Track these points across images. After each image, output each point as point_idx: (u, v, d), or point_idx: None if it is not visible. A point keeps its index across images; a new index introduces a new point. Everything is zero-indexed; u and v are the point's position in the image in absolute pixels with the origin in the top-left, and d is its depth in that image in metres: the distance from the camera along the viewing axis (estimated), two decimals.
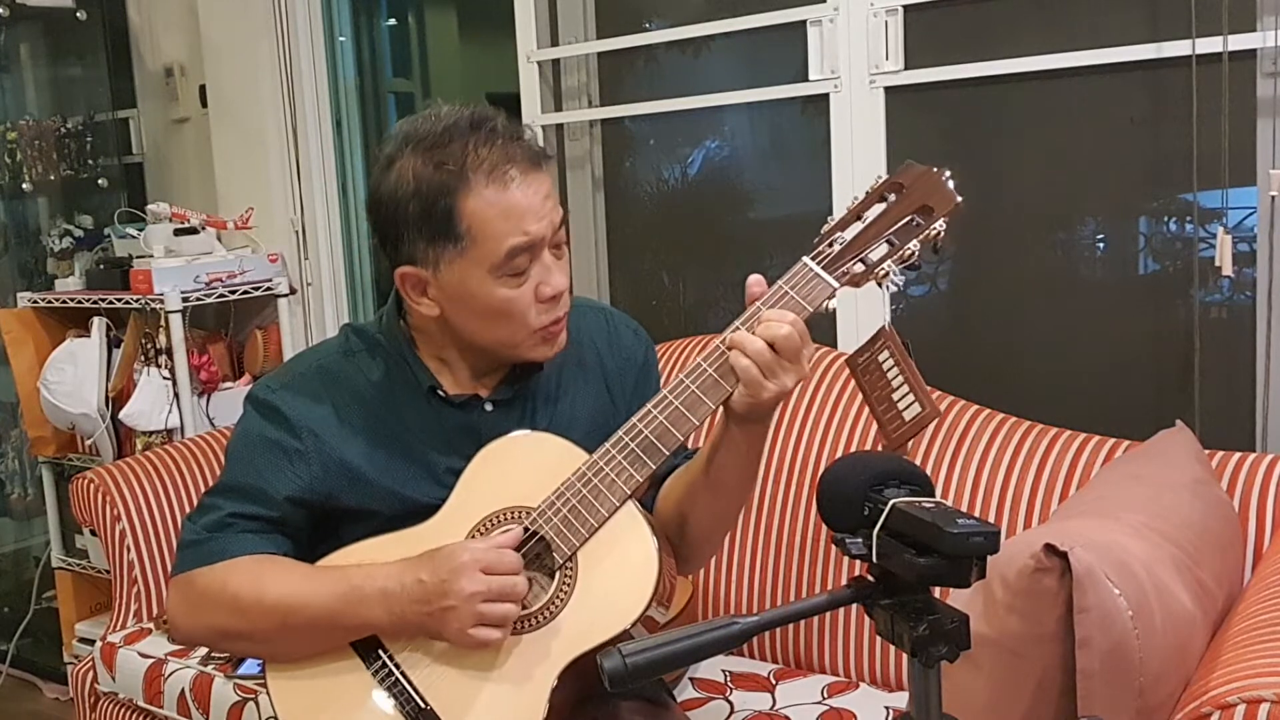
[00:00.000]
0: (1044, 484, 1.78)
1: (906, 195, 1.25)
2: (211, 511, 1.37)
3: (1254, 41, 1.82)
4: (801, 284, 1.24)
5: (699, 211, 2.64)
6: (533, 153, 1.29)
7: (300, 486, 1.35)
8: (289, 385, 1.39)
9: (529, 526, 1.28)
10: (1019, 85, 2.09)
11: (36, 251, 3.28)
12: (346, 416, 1.37)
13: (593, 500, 1.27)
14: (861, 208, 1.27)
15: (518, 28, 2.60)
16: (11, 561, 3.50)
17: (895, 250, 1.24)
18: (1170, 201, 2.05)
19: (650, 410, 1.26)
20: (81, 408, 2.83)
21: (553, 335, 1.34)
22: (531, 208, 1.26)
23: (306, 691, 1.33)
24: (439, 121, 1.28)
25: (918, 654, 0.84)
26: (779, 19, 2.25)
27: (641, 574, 1.25)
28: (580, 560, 1.27)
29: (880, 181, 1.27)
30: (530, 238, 1.27)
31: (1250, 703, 1.03)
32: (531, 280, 1.29)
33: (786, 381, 1.21)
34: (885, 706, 1.74)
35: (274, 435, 1.36)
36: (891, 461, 0.92)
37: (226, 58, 3.07)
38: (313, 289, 3.09)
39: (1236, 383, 1.94)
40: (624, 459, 1.26)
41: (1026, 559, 1.16)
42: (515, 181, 1.26)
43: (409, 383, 1.39)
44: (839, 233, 1.26)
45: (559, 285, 1.30)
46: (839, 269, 1.24)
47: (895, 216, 1.25)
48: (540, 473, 1.29)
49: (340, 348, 1.43)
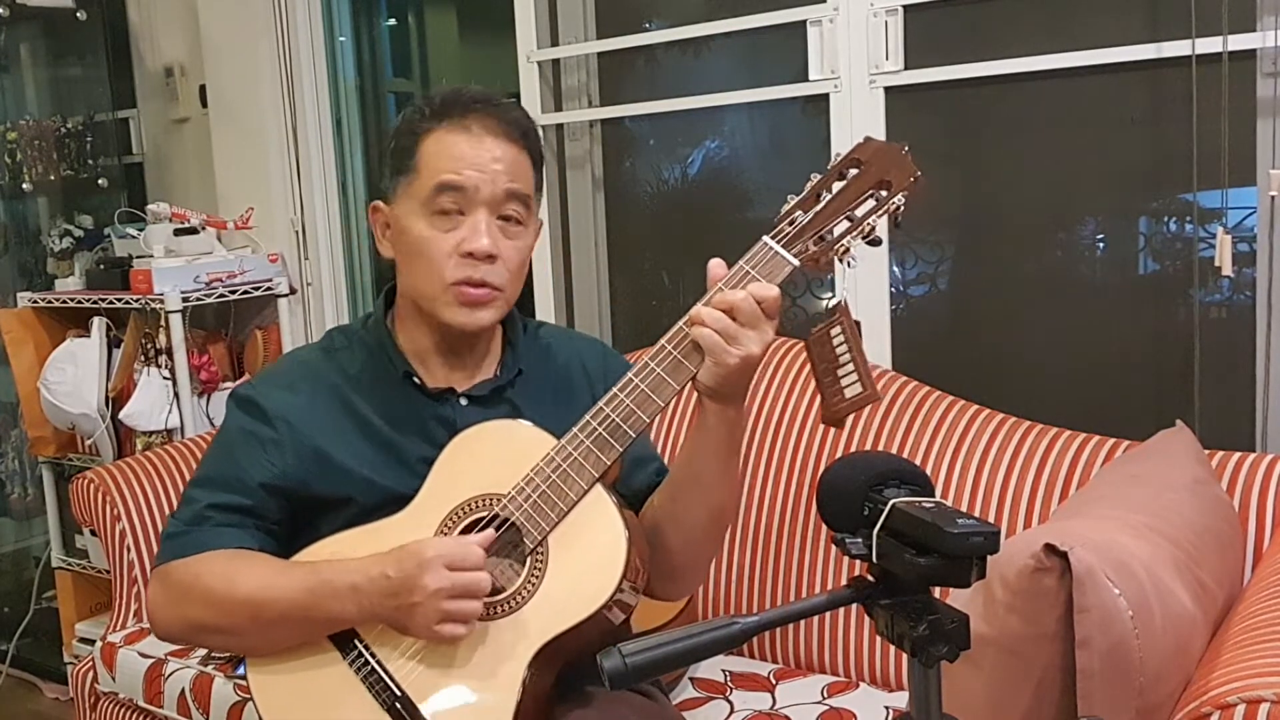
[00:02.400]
0: (1044, 484, 1.78)
1: (865, 171, 1.25)
2: (190, 504, 1.41)
3: (1254, 41, 1.82)
4: (762, 263, 1.25)
5: (699, 211, 2.64)
6: (506, 125, 1.37)
7: (274, 474, 1.38)
8: (266, 379, 1.48)
9: (500, 513, 1.30)
10: (1019, 85, 2.09)
11: (36, 251, 3.28)
12: (321, 406, 1.41)
13: (561, 485, 1.28)
14: (821, 185, 1.27)
15: (518, 28, 2.60)
16: (11, 561, 3.50)
17: (855, 226, 1.25)
18: (1170, 201, 2.05)
19: (616, 393, 1.28)
20: (81, 408, 2.83)
21: (469, 300, 1.36)
22: (474, 159, 1.34)
23: (286, 685, 1.35)
24: (453, 88, 1.41)
25: (918, 654, 0.84)
26: (779, 19, 2.25)
27: (610, 556, 1.26)
28: (551, 545, 1.29)
29: (839, 158, 1.27)
30: (460, 179, 1.34)
31: (1250, 703, 1.03)
32: (458, 231, 1.35)
33: (751, 347, 1.22)
34: (885, 706, 1.74)
35: (249, 426, 1.41)
36: (891, 461, 0.92)
37: (226, 58, 3.07)
38: (313, 289, 3.09)
39: (1236, 383, 1.94)
40: (591, 442, 1.28)
41: (1026, 559, 1.16)
42: (470, 132, 1.35)
43: (387, 372, 1.43)
44: (799, 211, 1.26)
45: (480, 245, 1.34)
46: (798, 246, 1.25)
47: (855, 192, 1.25)
48: (511, 459, 1.31)
49: (322, 345, 1.50)
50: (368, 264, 3.25)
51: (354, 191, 3.21)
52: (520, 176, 1.38)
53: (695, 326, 1.24)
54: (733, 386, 1.26)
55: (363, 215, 3.23)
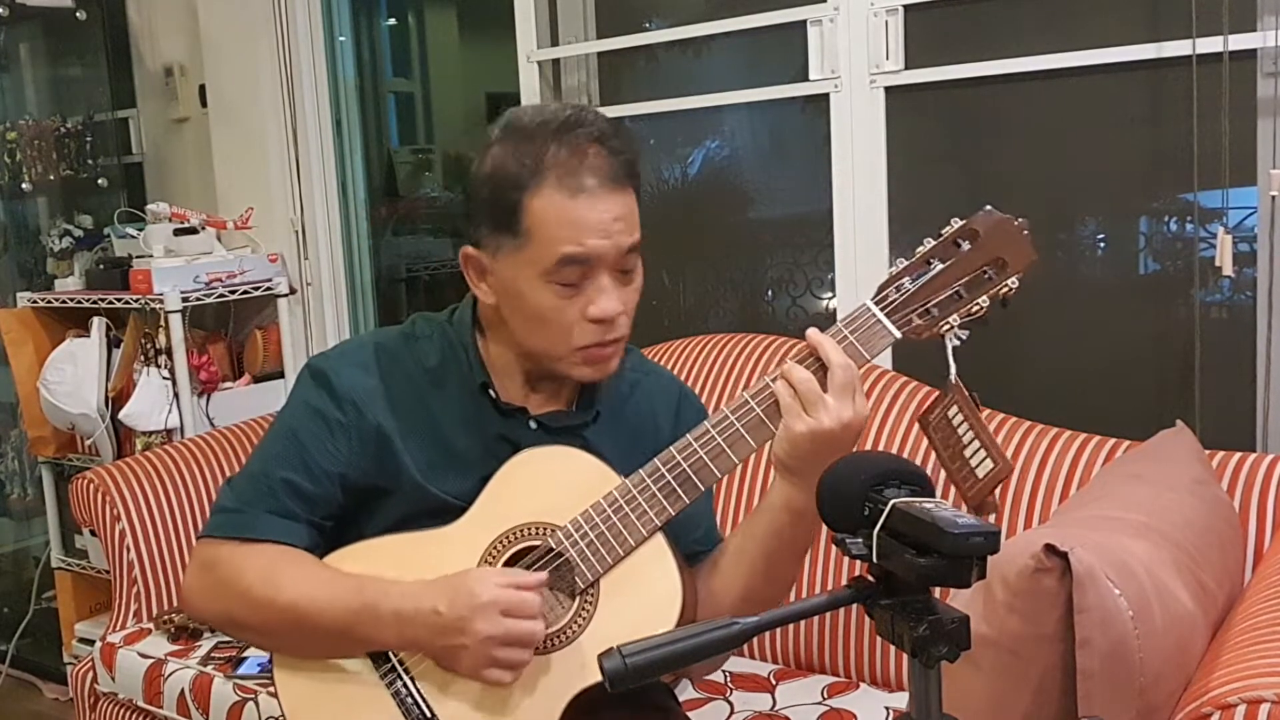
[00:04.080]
0: (1044, 484, 1.78)
1: (981, 245, 1.20)
2: (249, 479, 1.35)
3: (1254, 41, 1.82)
4: (862, 328, 1.20)
5: (699, 211, 2.63)
6: (616, 169, 1.26)
7: (337, 460, 1.32)
8: (343, 354, 1.39)
9: (554, 546, 1.26)
10: (1019, 85, 2.09)
11: (36, 251, 3.28)
12: (391, 392, 1.34)
13: (622, 529, 1.24)
14: (932, 254, 1.21)
15: (518, 28, 2.60)
16: (11, 561, 3.50)
17: (963, 303, 1.19)
18: (1170, 201, 2.05)
19: (690, 442, 1.23)
20: (81, 408, 2.83)
21: (597, 359, 1.29)
22: (596, 223, 1.23)
23: (312, 687, 1.31)
24: (539, 114, 1.27)
25: (918, 654, 0.84)
26: (779, 19, 2.25)
27: (664, 608, 1.22)
28: (603, 587, 1.25)
29: (955, 227, 1.22)
30: (585, 251, 1.23)
31: (1250, 703, 1.03)
32: (584, 296, 1.26)
33: (823, 419, 1.15)
34: (885, 706, 1.74)
35: (317, 402, 1.33)
36: (891, 461, 0.92)
37: (226, 58, 3.07)
38: (313, 289, 3.09)
39: (1236, 383, 1.93)
40: (658, 490, 1.23)
41: (1027, 559, 1.16)
42: (586, 192, 1.23)
43: (462, 375, 1.36)
44: (906, 279, 1.20)
45: (608, 309, 1.26)
46: (902, 316, 1.20)
47: (968, 267, 1.19)
48: (570, 490, 1.26)
49: (403, 331, 1.41)
50: (368, 264, 3.25)
51: (354, 191, 3.21)
52: (635, 224, 1.28)
53: (780, 382, 1.18)
54: (802, 462, 1.18)
55: (363, 214, 3.23)
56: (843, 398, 1.15)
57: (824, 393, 1.15)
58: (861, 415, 1.16)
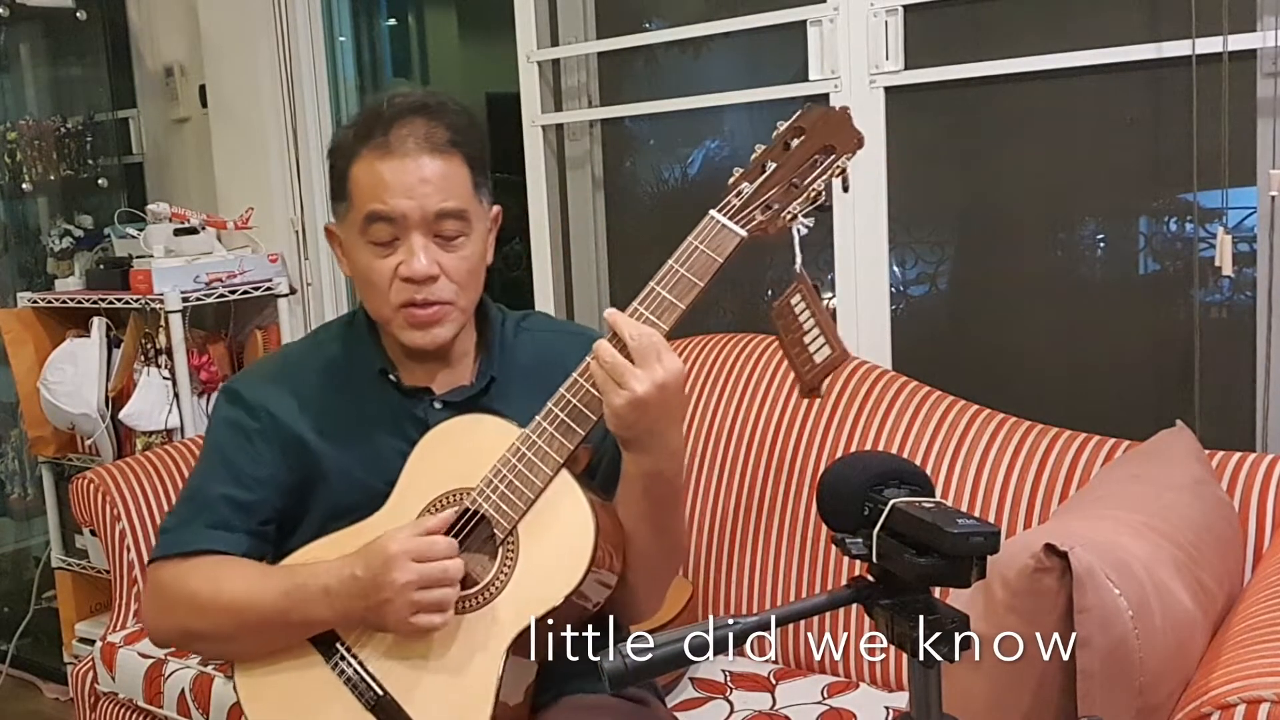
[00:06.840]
0: (1044, 484, 1.78)
1: (809, 138, 1.25)
2: (185, 500, 1.43)
3: (1254, 41, 1.82)
4: (710, 236, 1.26)
5: (699, 211, 2.62)
6: (434, 136, 1.33)
7: (260, 464, 1.40)
8: (250, 371, 1.53)
9: (469, 506, 1.30)
10: (1019, 85, 2.09)
11: (36, 251, 3.28)
12: (301, 396, 1.42)
13: (527, 473, 1.28)
14: (765, 156, 1.26)
15: (518, 28, 2.60)
16: (11, 561, 3.50)
17: (800, 191, 1.24)
18: (1170, 201, 2.05)
19: (576, 379, 1.27)
20: (81, 408, 2.83)
21: (418, 321, 1.35)
22: (400, 184, 1.31)
23: (271, 689, 1.36)
24: (382, 96, 1.38)
25: (918, 654, 0.84)
26: (779, 19, 2.25)
27: (579, 540, 1.26)
28: (521, 534, 1.28)
29: (782, 128, 1.26)
30: (388, 209, 1.32)
31: (1250, 703, 1.03)
32: (396, 256, 1.34)
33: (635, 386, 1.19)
34: (885, 706, 1.74)
35: (233, 416, 1.43)
36: (891, 461, 0.92)
37: (226, 58, 3.07)
38: (313, 289, 3.09)
39: (1236, 383, 1.93)
40: (554, 429, 1.27)
41: (1026, 559, 1.16)
42: (395, 155, 1.32)
43: (366, 365, 1.43)
44: (745, 183, 1.26)
45: (415, 269, 1.32)
46: (745, 216, 1.25)
47: (799, 159, 1.25)
48: (479, 452, 1.31)
49: (309, 339, 1.53)
50: None
51: None
52: (453, 190, 1.34)
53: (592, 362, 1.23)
54: (634, 430, 1.23)
55: None
56: (647, 363, 1.20)
57: (630, 364, 1.20)
58: (673, 371, 1.21)
